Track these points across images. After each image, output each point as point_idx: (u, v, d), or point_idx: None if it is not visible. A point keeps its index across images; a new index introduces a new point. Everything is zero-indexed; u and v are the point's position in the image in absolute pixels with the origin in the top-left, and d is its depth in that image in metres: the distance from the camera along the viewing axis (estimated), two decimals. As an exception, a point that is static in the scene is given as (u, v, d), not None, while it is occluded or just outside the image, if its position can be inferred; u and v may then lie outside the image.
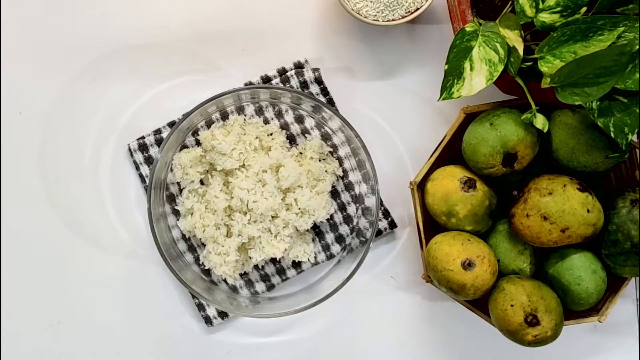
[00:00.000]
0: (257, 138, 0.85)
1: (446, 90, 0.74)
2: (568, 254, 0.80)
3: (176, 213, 0.87)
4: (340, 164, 0.88)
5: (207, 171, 0.86)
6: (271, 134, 0.87)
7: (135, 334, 0.89)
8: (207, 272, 0.88)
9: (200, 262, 0.87)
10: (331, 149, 0.88)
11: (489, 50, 0.73)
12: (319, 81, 0.88)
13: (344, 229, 0.89)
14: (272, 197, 0.82)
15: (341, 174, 0.88)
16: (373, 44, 0.89)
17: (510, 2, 0.79)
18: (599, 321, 0.81)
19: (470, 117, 0.82)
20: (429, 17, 0.89)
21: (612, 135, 0.71)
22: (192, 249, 0.88)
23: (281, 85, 0.88)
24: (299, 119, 0.88)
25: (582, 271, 0.79)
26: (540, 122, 0.74)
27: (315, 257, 0.88)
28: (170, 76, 0.89)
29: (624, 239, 0.77)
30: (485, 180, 0.81)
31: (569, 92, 0.69)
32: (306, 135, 0.88)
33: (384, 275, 0.90)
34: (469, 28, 0.75)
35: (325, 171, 0.87)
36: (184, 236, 0.87)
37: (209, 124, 0.87)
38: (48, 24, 0.88)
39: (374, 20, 0.83)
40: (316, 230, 0.89)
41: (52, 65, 0.88)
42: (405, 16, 0.83)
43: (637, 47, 0.68)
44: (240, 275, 0.88)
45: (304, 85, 0.88)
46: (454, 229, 0.82)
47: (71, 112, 0.89)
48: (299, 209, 0.84)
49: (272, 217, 0.83)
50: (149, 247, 0.88)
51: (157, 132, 0.88)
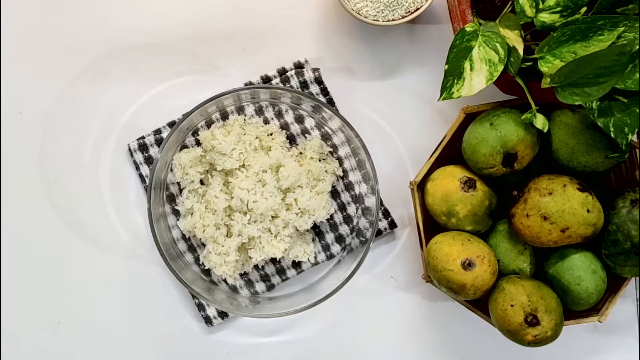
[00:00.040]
0: (257, 138, 0.85)
1: (446, 90, 0.74)
2: (568, 254, 0.80)
3: (176, 213, 0.87)
4: (340, 164, 0.88)
5: (207, 171, 0.86)
6: (271, 134, 0.87)
7: (135, 334, 0.89)
8: (207, 272, 0.88)
9: (200, 262, 0.87)
10: (331, 149, 0.88)
11: (489, 50, 0.73)
12: (319, 81, 0.88)
13: (344, 229, 0.89)
14: (272, 197, 0.82)
15: (341, 174, 0.88)
16: (373, 44, 0.89)
17: (510, 2, 0.79)
18: (599, 321, 0.81)
19: (470, 117, 0.82)
20: (429, 17, 0.89)
21: (612, 135, 0.71)
22: (192, 249, 0.88)
23: (281, 85, 0.88)
24: (299, 119, 0.88)
25: (582, 271, 0.79)
26: (540, 122, 0.74)
27: (315, 257, 0.88)
28: (170, 76, 0.89)
29: (624, 239, 0.77)
30: (485, 180, 0.81)
31: (569, 92, 0.69)
32: (306, 135, 0.88)
33: (384, 275, 0.90)
34: (469, 28, 0.75)
35: (325, 171, 0.86)
36: (184, 236, 0.87)
37: (209, 124, 0.87)
38: (48, 24, 0.88)
39: (374, 20, 0.83)
40: (316, 230, 0.89)
41: (52, 65, 0.88)
42: (405, 16, 0.83)
43: (637, 47, 0.68)
44: (240, 275, 0.88)
45: (304, 85, 0.88)
46: (454, 229, 0.82)
47: (71, 112, 0.89)
48: (299, 209, 0.83)
49: (272, 217, 0.83)
50: (149, 247, 0.88)
51: (157, 132, 0.88)
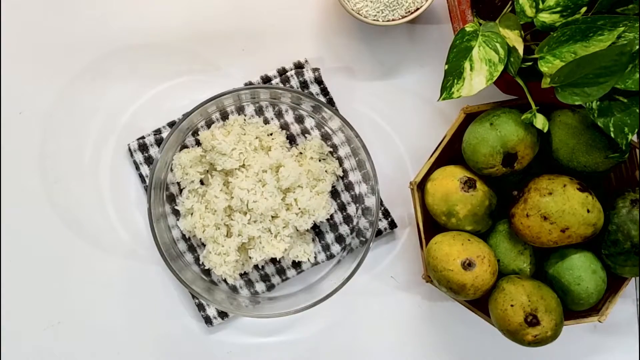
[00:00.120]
0: (257, 138, 0.85)
1: (446, 90, 0.74)
2: (568, 254, 0.80)
3: (176, 213, 0.87)
4: (340, 164, 0.88)
5: (207, 171, 0.86)
6: (271, 134, 0.87)
7: (135, 334, 0.89)
8: (207, 272, 0.88)
9: (200, 262, 0.87)
10: (331, 149, 0.88)
11: (489, 50, 0.73)
12: (319, 81, 0.88)
13: (344, 229, 0.89)
14: (272, 197, 0.82)
15: (341, 174, 0.88)
16: (373, 44, 0.89)
17: (510, 2, 0.79)
18: (599, 321, 0.81)
19: (470, 117, 0.82)
20: (429, 17, 0.89)
21: (612, 135, 0.71)
22: (192, 249, 0.88)
23: (281, 85, 0.88)
24: (299, 119, 0.88)
25: (582, 271, 0.79)
26: (540, 122, 0.74)
27: (315, 257, 0.88)
28: (170, 76, 0.89)
29: (624, 239, 0.77)
30: (485, 180, 0.81)
31: (569, 92, 0.69)
32: (306, 135, 0.88)
33: (384, 275, 0.90)
34: (469, 28, 0.75)
35: (325, 171, 0.86)
36: (184, 236, 0.87)
37: (209, 124, 0.87)
38: (48, 24, 0.88)
39: (374, 20, 0.83)
40: (316, 230, 0.89)
41: (52, 65, 0.88)
42: (405, 16, 0.83)
43: (637, 47, 0.68)
44: (240, 275, 0.88)
45: (304, 85, 0.88)
46: (454, 229, 0.82)
47: (71, 112, 0.89)
48: (299, 209, 0.83)
49: (272, 217, 0.83)
50: (149, 247, 0.88)
51: (157, 132, 0.88)
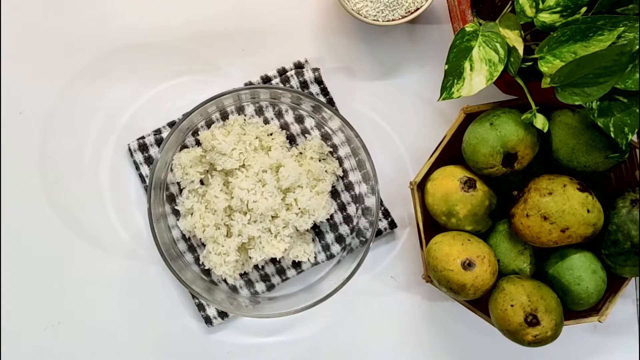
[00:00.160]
0: (257, 138, 0.85)
1: (446, 90, 0.74)
2: (568, 254, 0.80)
3: (176, 213, 0.87)
4: (340, 164, 0.88)
5: (207, 171, 0.86)
6: (271, 134, 0.87)
7: (135, 334, 0.89)
8: (207, 272, 0.88)
9: (200, 262, 0.87)
10: (331, 149, 0.88)
11: (489, 50, 0.73)
12: (319, 81, 0.88)
13: (344, 229, 0.89)
14: (272, 197, 0.82)
15: (341, 174, 0.88)
16: (373, 44, 0.89)
17: (510, 2, 0.79)
18: (599, 321, 0.81)
19: (470, 117, 0.82)
20: (429, 17, 0.89)
21: (612, 135, 0.71)
22: (192, 249, 0.88)
23: (281, 85, 0.88)
24: (299, 119, 0.88)
25: (582, 271, 0.79)
26: (540, 122, 0.74)
27: (315, 257, 0.88)
28: (170, 76, 0.89)
29: (624, 239, 0.77)
30: (485, 180, 0.81)
31: (569, 92, 0.69)
32: (306, 135, 0.88)
33: (384, 275, 0.90)
34: (469, 28, 0.75)
35: (325, 171, 0.86)
36: (184, 236, 0.87)
37: (209, 124, 0.87)
38: (48, 24, 0.88)
39: (374, 20, 0.83)
40: (316, 230, 0.89)
41: (52, 65, 0.88)
42: (405, 16, 0.83)
43: (637, 47, 0.68)
44: (240, 275, 0.88)
45: (304, 85, 0.88)
46: (454, 229, 0.82)
47: (71, 112, 0.89)
48: (299, 209, 0.83)
49: (272, 217, 0.83)
50: (149, 247, 0.88)
51: (157, 132, 0.88)
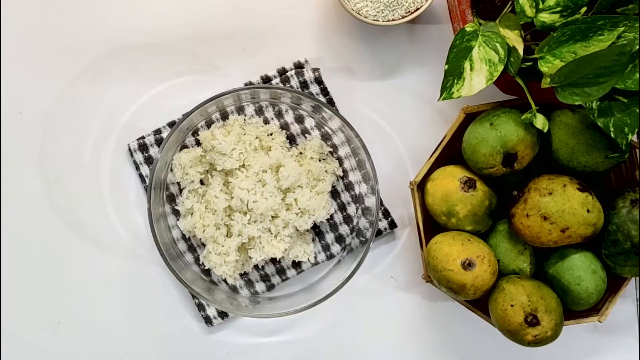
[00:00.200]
0: (257, 138, 0.85)
1: (446, 90, 0.74)
2: (568, 254, 0.80)
3: (176, 213, 0.87)
4: (340, 164, 0.88)
5: (207, 171, 0.86)
6: (271, 134, 0.87)
7: (135, 334, 0.89)
8: (207, 272, 0.88)
9: (200, 262, 0.87)
10: (331, 149, 0.88)
11: (489, 50, 0.73)
12: (319, 81, 0.88)
13: (344, 229, 0.89)
14: (272, 197, 0.82)
15: (341, 174, 0.88)
16: (373, 44, 0.89)
17: (510, 2, 0.79)
18: (599, 321, 0.81)
19: (470, 117, 0.82)
20: (429, 17, 0.89)
21: (612, 135, 0.71)
22: (192, 249, 0.88)
23: (281, 85, 0.88)
24: (299, 119, 0.88)
25: (582, 271, 0.79)
26: (540, 122, 0.74)
27: (315, 257, 0.88)
28: (170, 76, 0.89)
29: (624, 239, 0.77)
30: (485, 180, 0.81)
31: (569, 92, 0.69)
32: (306, 135, 0.88)
33: (384, 275, 0.90)
34: (469, 28, 0.75)
35: (325, 171, 0.86)
36: (184, 236, 0.87)
37: (209, 124, 0.87)
38: (48, 24, 0.88)
39: (374, 20, 0.83)
40: (316, 230, 0.89)
41: (52, 65, 0.88)
42: (405, 16, 0.83)
43: (637, 47, 0.68)
44: (240, 275, 0.88)
45: (304, 85, 0.88)
46: (454, 229, 0.82)
47: (71, 112, 0.89)
48: (299, 209, 0.83)
49: (272, 217, 0.83)
50: (149, 247, 0.88)
51: (157, 132, 0.88)
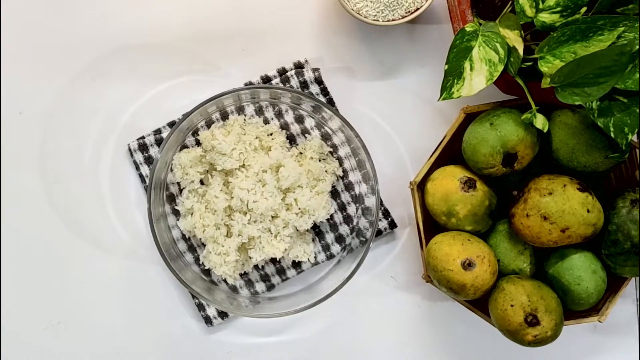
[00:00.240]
0: (257, 138, 0.85)
1: (446, 90, 0.74)
2: (568, 254, 0.80)
3: (176, 213, 0.87)
4: (340, 164, 0.88)
5: (207, 171, 0.86)
6: (271, 134, 0.87)
7: (135, 334, 0.89)
8: (207, 272, 0.87)
9: (200, 262, 0.86)
10: (331, 149, 0.88)
11: (489, 50, 0.73)
12: (319, 81, 0.88)
13: (344, 229, 0.89)
14: (272, 197, 0.82)
15: (341, 174, 0.88)
16: (373, 44, 0.89)
17: (510, 2, 0.79)
18: (599, 321, 0.81)
19: (470, 117, 0.82)
20: (429, 17, 0.89)
21: (612, 135, 0.71)
22: (192, 249, 0.88)
23: (281, 85, 0.88)
24: (299, 119, 0.88)
25: (582, 271, 0.79)
26: (540, 122, 0.74)
27: (315, 257, 0.88)
28: (170, 76, 0.89)
29: (624, 239, 0.77)
30: (485, 180, 0.81)
31: (569, 92, 0.69)
32: (306, 135, 0.88)
33: (384, 275, 0.90)
34: (469, 28, 0.75)
35: (325, 171, 0.86)
36: (184, 236, 0.87)
37: (209, 124, 0.87)
38: (48, 24, 0.88)
39: (374, 20, 0.83)
40: (316, 230, 0.89)
41: (52, 65, 0.88)
42: (405, 16, 0.83)
43: (637, 47, 0.68)
44: (240, 275, 0.88)
45: (304, 85, 0.88)
46: (454, 229, 0.82)
47: (71, 112, 0.89)
48: (299, 209, 0.83)
49: (272, 217, 0.83)
50: (149, 247, 0.88)
51: (157, 132, 0.88)
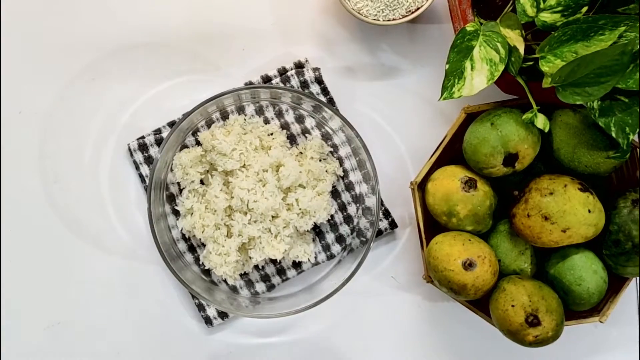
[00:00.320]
0: (257, 138, 0.85)
1: (447, 90, 0.74)
2: (569, 254, 0.80)
3: (176, 213, 0.87)
4: (341, 163, 0.88)
5: (207, 171, 0.86)
6: (271, 134, 0.87)
7: (135, 334, 0.89)
8: (207, 272, 0.87)
9: (200, 262, 0.86)
10: (331, 149, 0.87)
11: (489, 50, 0.73)
12: (319, 81, 0.88)
13: (344, 229, 0.88)
14: (273, 197, 0.82)
15: (342, 173, 0.88)
16: (373, 44, 0.89)
17: (511, 2, 0.79)
18: (600, 321, 0.81)
19: (470, 117, 0.82)
20: (430, 16, 0.89)
21: (613, 135, 0.71)
22: (192, 249, 0.88)
23: (281, 85, 0.88)
24: (300, 119, 0.87)
25: (583, 271, 0.78)
26: (541, 121, 0.74)
27: (315, 257, 0.88)
28: (170, 76, 0.89)
29: (625, 239, 0.77)
30: (486, 180, 0.81)
31: (570, 91, 0.69)
32: (306, 135, 0.87)
33: (384, 276, 0.90)
34: (469, 28, 0.74)
35: (326, 171, 0.86)
36: (184, 236, 0.87)
37: (209, 124, 0.87)
38: (48, 24, 0.88)
39: (375, 19, 0.83)
40: (316, 230, 0.89)
41: (52, 65, 0.88)
42: (406, 16, 0.83)
43: (638, 46, 0.68)
44: (241, 275, 0.88)
45: (304, 85, 0.88)
46: (455, 229, 0.81)
47: (71, 112, 0.88)
48: (300, 209, 0.83)
49: (273, 217, 0.83)
50: (149, 247, 0.88)
51: (157, 132, 0.88)
